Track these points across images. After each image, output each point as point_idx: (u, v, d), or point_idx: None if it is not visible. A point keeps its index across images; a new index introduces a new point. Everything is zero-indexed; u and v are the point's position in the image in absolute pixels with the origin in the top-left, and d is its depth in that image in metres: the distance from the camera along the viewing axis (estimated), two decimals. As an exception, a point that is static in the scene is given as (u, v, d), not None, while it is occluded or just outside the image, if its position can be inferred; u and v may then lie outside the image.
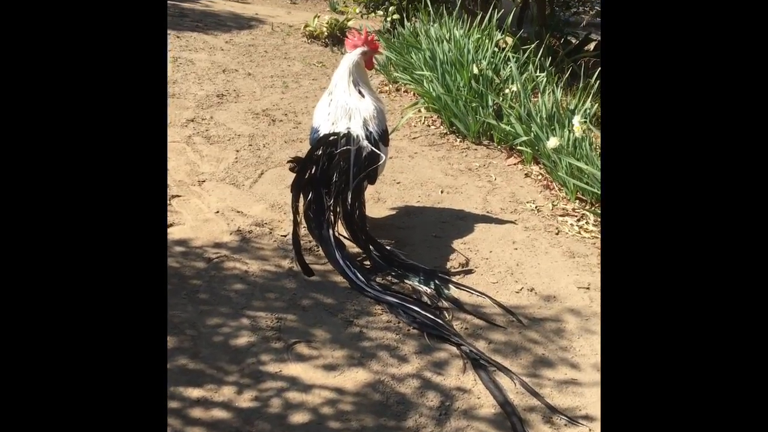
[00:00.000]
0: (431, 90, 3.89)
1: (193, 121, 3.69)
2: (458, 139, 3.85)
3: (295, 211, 2.42)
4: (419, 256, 2.64)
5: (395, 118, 3.98)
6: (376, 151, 2.63)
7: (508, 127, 3.55)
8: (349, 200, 2.50)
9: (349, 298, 2.32)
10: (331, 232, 2.45)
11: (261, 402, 1.82)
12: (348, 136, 2.59)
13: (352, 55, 2.74)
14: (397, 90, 4.60)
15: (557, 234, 2.93)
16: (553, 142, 3.07)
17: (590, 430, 1.89)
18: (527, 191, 3.32)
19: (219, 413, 1.77)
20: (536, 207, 3.15)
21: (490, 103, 3.73)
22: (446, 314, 2.30)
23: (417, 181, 3.33)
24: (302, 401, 1.85)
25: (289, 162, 2.50)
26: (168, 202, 2.82)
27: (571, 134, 3.13)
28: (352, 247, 2.55)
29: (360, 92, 2.72)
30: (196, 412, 1.76)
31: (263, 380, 1.91)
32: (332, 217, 2.48)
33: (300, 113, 3.99)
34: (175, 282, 2.29)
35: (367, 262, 2.52)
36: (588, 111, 3.48)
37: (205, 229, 2.65)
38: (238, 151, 3.38)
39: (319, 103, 2.77)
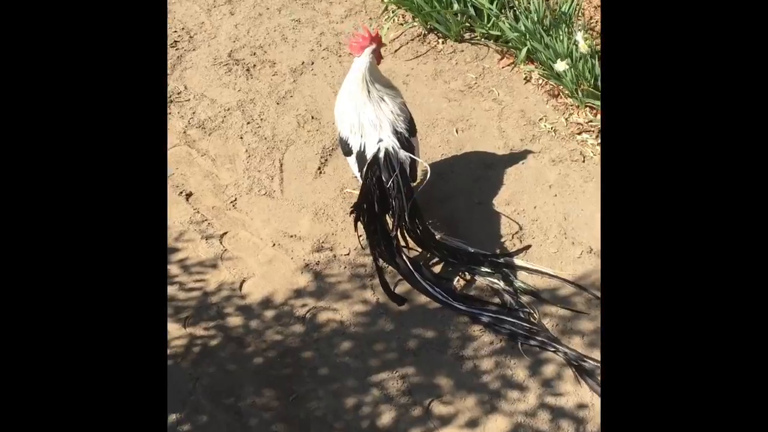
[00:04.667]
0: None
1: (171, 101, 3.47)
2: (440, 40, 3.74)
3: (376, 259, 2.52)
4: (475, 236, 2.80)
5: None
6: (414, 157, 2.66)
7: (495, 32, 3.47)
8: (407, 219, 2.57)
9: (446, 324, 2.53)
10: (403, 257, 2.57)
11: (439, 488, 2.12)
12: (386, 154, 2.60)
13: (363, 58, 2.63)
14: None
15: (583, 161, 3.08)
16: (561, 66, 3.08)
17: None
18: (534, 103, 3.37)
19: None
20: (552, 127, 3.24)
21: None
22: (534, 313, 2.54)
23: (428, 120, 3.33)
24: (472, 475, 2.15)
25: (351, 213, 2.54)
26: (220, 242, 2.83)
27: (575, 48, 3.12)
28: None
29: (381, 98, 2.66)
30: None
31: (428, 461, 2.19)
32: (399, 243, 2.59)
33: (267, 47, 3.76)
34: (291, 362, 2.44)
35: (437, 267, 2.68)
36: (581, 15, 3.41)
37: (276, 275, 2.71)
38: (241, 137, 3.27)
39: (339, 106, 2.72)
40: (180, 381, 2.39)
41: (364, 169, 2.58)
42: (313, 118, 3.35)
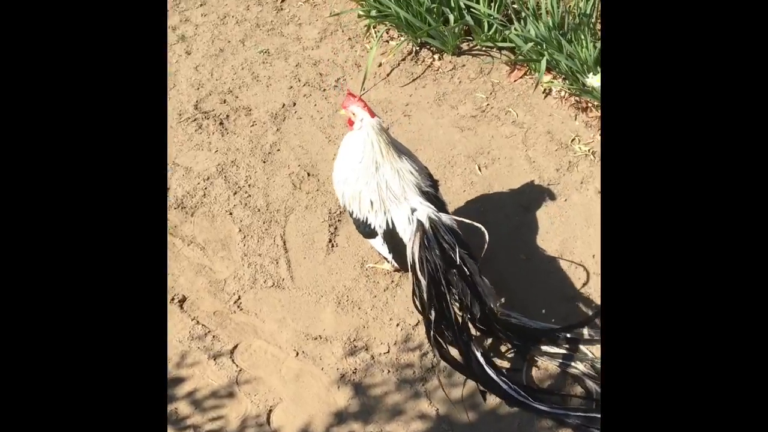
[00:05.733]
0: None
1: (139, 177, 2.93)
2: (435, 56, 3.25)
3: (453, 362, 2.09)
4: (531, 303, 2.36)
5: (351, 53, 3.28)
6: (460, 219, 2.21)
7: (500, 42, 2.99)
8: (479, 305, 2.11)
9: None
10: (473, 348, 2.12)
11: None
12: (432, 225, 2.13)
13: (370, 125, 2.14)
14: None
15: (635, 188, 2.64)
16: (594, 81, 2.61)
17: None
18: (561, 121, 2.92)
19: None
20: (588, 149, 2.79)
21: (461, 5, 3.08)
22: (626, 401, 2.11)
23: (443, 159, 2.86)
24: None
25: (429, 333, 2.07)
26: (232, 361, 2.34)
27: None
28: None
29: (398, 161, 2.18)
30: None
31: None
32: (470, 333, 2.14)
33: (237, 91, 3.23)
34: None
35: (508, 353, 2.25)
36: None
37: (308, 395, 2.25)
38: (230, 213, 2.76)
39: (346, 183, 2.23)
40: None
41: (415, 254, 2.08)
42: (309, 174, 2.85)
